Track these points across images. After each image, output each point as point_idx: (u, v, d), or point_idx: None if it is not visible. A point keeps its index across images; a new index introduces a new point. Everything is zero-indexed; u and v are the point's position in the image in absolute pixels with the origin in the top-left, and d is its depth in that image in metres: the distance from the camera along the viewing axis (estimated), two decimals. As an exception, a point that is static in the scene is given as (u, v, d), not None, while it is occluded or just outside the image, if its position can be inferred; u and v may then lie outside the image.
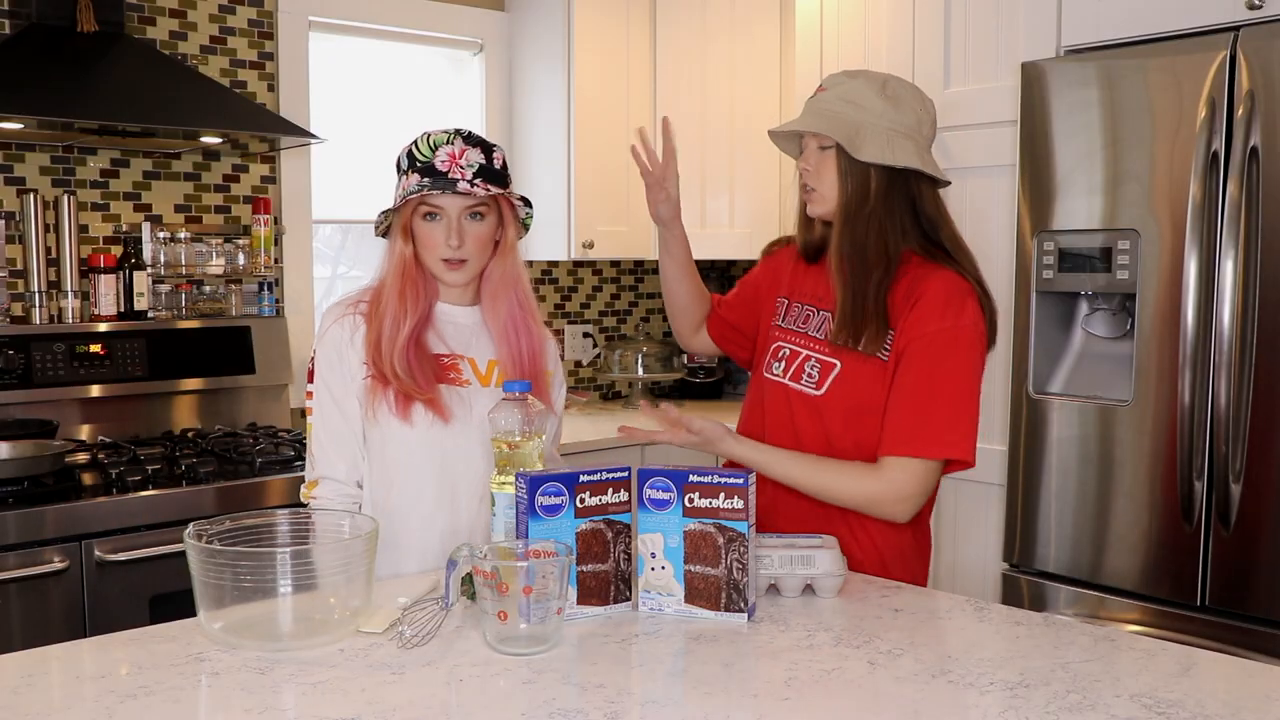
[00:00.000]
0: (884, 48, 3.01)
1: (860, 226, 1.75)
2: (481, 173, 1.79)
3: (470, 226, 1.81)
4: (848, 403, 1.78)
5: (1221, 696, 1.25)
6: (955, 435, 1.71)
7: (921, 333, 1.72)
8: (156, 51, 2.99)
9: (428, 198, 1.79)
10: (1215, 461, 2.25)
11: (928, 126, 1.80)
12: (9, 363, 2.77)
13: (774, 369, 1.90)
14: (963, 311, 1.73)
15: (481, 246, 1.83)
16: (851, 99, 1.77)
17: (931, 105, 1.83)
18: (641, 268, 4.19)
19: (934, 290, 1.73)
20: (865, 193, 1.75)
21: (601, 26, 3.60)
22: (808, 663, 1.34)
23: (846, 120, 1.76)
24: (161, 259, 3.05)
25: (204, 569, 1.38)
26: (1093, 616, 2.43)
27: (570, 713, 1.19)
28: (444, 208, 1.79)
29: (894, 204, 1.75)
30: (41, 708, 1.20)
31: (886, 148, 1.73)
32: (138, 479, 2.50)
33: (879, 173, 1.74)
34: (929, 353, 1.72)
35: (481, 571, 1.36)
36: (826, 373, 1.80)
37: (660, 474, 1.53)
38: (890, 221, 1.75)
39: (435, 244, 1.81)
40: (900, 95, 1.77)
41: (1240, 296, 2.21)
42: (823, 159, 1.79)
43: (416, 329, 1.81)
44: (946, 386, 1.71)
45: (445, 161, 1.78)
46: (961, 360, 1.72)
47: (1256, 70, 2.18)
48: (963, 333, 1.72)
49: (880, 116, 1.75)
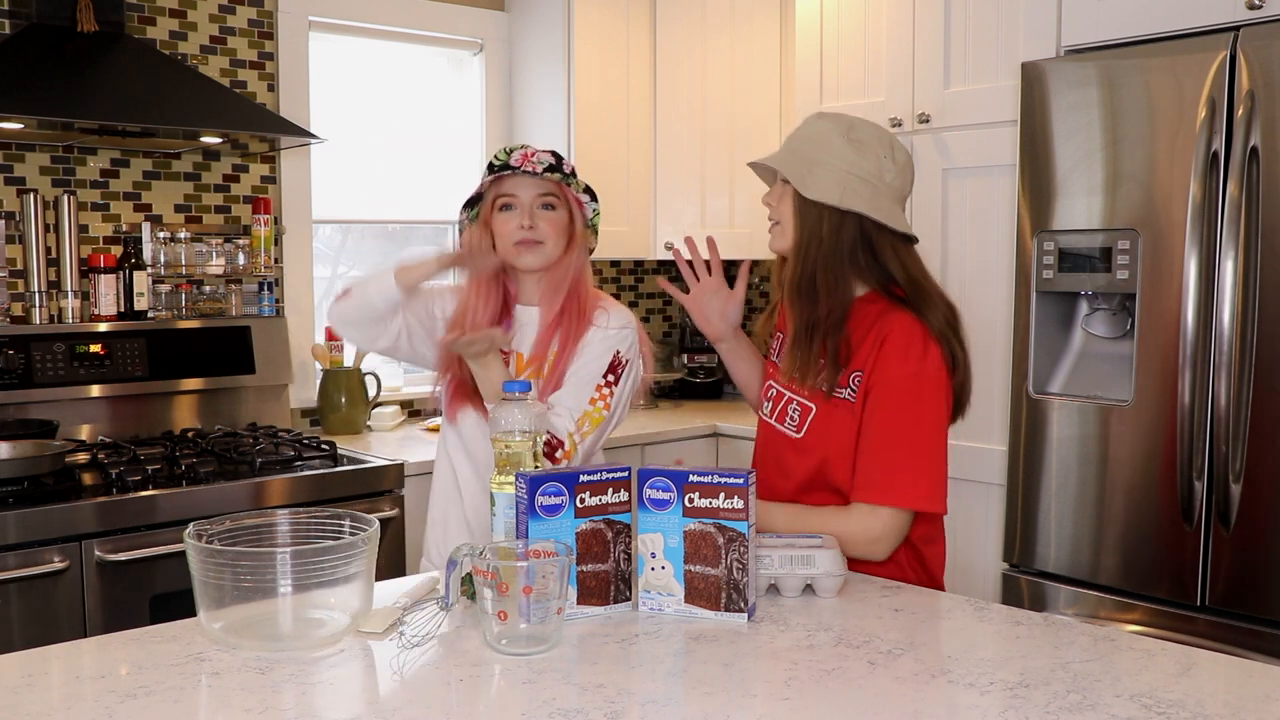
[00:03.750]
0: (884, 48, 3.01)
1: (809, 263, 1.76)
2: (551, 169, 1.98)
3: (542, 214, 1.98)
4: (825, 447, 1.79)
5: (1221, 696, 1.25)
6: (920, 486, 1.71)
7: (885, 378, 1.73)
8: (156, 51, 2.99)
9: (501, 185, 1.98)
10: (1215, 461, 2.25)
11: (892, 175, 1.77)
12: (9, 363, 2.77)
13: (764, 408, 1.93)
14: (925, 356, 1.72)
15: (555, 234, 1.99)
16: (814, 138, 1.79)
17: (904, 155, 1.80)
18: (641, 267, 4.19)
19: (897, 333, 1.73)
20: (817, 231, 1.76)
21: (601, 26, 3.60)
22: (808, 663, 1.34)
23: (803, 158, 1.78)
24: (161, 259, 3.05)
25: (204, 569, 1.38)
26: (1093, 616, 2.43)
27: (570, 713, 1.18)
28: (518, 195, 1.98)
29: (844, 245, 1.75)
30: (41, 708, 1.20)
31: (835, 189, 1.74)
32: (138, 479, 2.50)
33: (830, 213, 1.75)
34: (893, 399, 1.72)
35: (481, 571, 1.36)
36: (805, 415, 1.82)
37: (660, 474, 1.53)
38: (840, 261, 1.75)
39: (509, 230, 1.98)
40: (865, 141, 1.77)
41: (1240, 296, 2.21)
42: (784, 193, 1.81)
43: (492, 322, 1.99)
44: (913, 433, 1.71)
45: (519, 159, 1.97)
46: (925, 407, 1.72)
47: (1256, 70, 2.18)
48: (926, 379, 1.72)
49: (839, 159, 1.76)
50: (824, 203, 1.74)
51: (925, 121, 2.90)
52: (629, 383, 2.02)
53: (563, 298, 2.00)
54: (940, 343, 1.74)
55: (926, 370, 1.72)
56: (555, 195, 2.00)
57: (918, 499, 1.72)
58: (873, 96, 3.03)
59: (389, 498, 2.79)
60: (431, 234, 3.80)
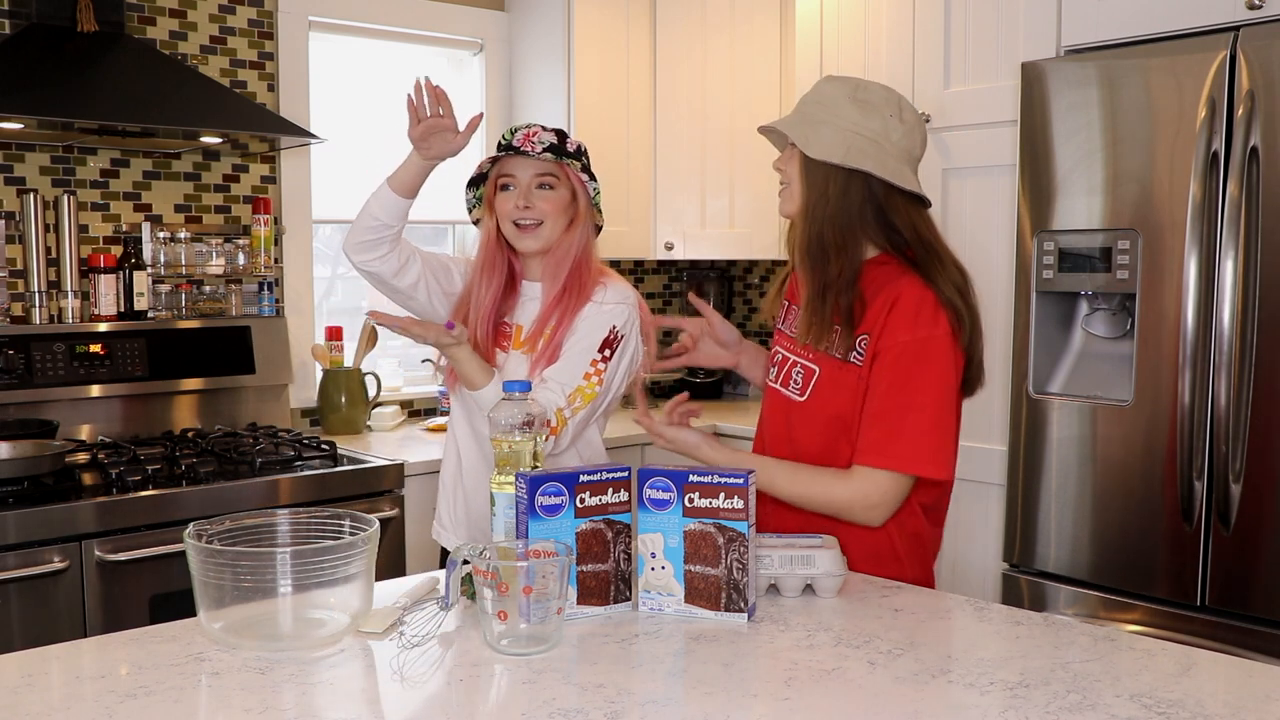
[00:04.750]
0: (884, 47, 3.01)
1: (817, 224, 1.75)
2: (551, 149, 1.99)
3: (540, 194, 2.01)
4: (828, 409, 1.78)
5: (1221, 696, 1.25)
6: (924, 450, 1.69)
7: (894, 341, 1.71)
8: (156, 51, 2.99)
9: (502, 165, 2.02)
10: (1215, 461, 2.25)
11: (899, 135, 1.76)
12: (9, 363, 2.77)
13: (770, 374, 1.92)
14: (936, 322, 1.71)
15: (554, 213, 2.01)
16: (822, 100, 1.79)
17: (913, 115, 1.80)
18: (641, 267, 4.19)
19: (906, 297, 1.72)
20: (824, 191, 1.75)
21: (601, 26, 3.60)
22: (808, 663, 1.34)
23: (809, 119, 1.77)
24: (161, 259, 3.05)
25: (204, 569, 1.38)
26: (1093, 616, 2.43)
27: (570, 713, 1.19)
28: (515, 175, 2.01)
29: (853, 205, 1.74)
30: (41, 708, 1.20)
31: (840, 148, 1.73)
32: (138, 479, 2.50)
33: (836, 173, 1.73)
34: (901, 363, 1.70)
35: (481, 571, 1.36)
36: (808, 378, 1.81)
37: (660, 474, 1.53)
38: (848, 221, 1.74)
39: (508, 210, 2.02)
40: (871, 101, 1.76)
41: (1240, 296, 2.21)
42: (792, 156, 1.81)
43: (495, 300, 2.06)
44: (917, 399, 1.70)
45: (520, 139, 2.00)
46: (933, 373, 1.70)
47: (1256, 70, 2.18)
48: (936, 343, 1.70)
49: (844, 119, 1.75)
50: (829, 161, 1.73)
51: (925, 121, 2.89)
52: (625, 359, 2.03)
53: (565, 275, 2.02)
54: (949, 309, 1.72)
55: (936, 335, 1.70)
56: (554, 175, 2.01)
57: (919, 463, 1.70)
58: (873, 96, 3.02)
59: (389, 498, 2.79)
60: (431, 234, 3.80)
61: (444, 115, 1.94)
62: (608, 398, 2.02)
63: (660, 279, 4.26)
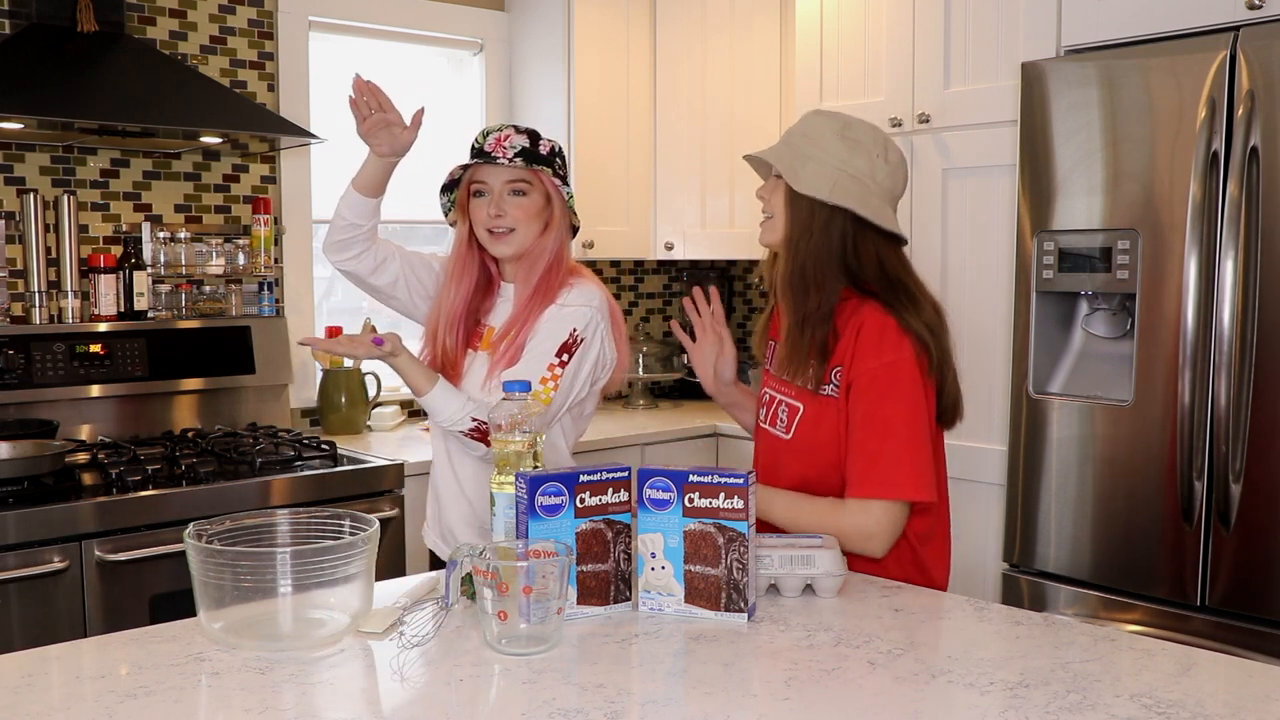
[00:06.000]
0: (884, 47, 3.01)
1: (800, 257, 1.77)
2: (523, 154, 1.98)
3: (512, 200, 1.99)
4: (812, 445, 1.79)
5: (1221, 696, 1.25)
6: (903, 476, 1.71)
7: (864, 369, 1.73)
8: (156, 51, 2.99)
9: (474, 173, 2.01)
10: (1215, 461, 2.25)
11: (883, 174, 1.78)
12: (9, 363, 2.77)
13: (761, 415, 1.94)
14: (900, 346, 1.72)
15: (526, 219, 2.00)
16: (809, 134, 1.80)
17: (897, 156, 1.81)
18: (641, 267, 4.19)
19: (869, 325, 1.74)
20: (808, 226, 1.77)
21: (601, 26, 3.60)
22: (808, 663, 1.34)
23: (796, 152, 1.79)
24: (161, 259, 3.05)
25: (204, 569, 1.38)
26: (1093, 616, 2.43)
27: (570, 713, 1.18)
28: (487, 182, 2.00)
29: (833, 241, 1.76)
30: (41, 708, 1.20)
31: (826, 184, 1.74)
32: (138, 479, 2.50)
33: (820, 208, 1.75)
34: (872, 391, 1.72)
35: (481, 571, 1.36)
36: (793, 416, 1.83)
37: (660, 474, 1.53)
38: (828, 256, 1.76)
39: (481, 217, 2.01)
40: (859, 140, 1.78)
41: (1240, 296, 2.21)
42: (776, 187, 1.82)
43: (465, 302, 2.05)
44: (889, 425, 1.71)
45: (492, 144, 1.98)
46: (901, 397, 1.72)
47: (1256, 70, 2.18)
48: (901, 366, 1.72)
49: (831, 155, 1.76)
50: (814, 197, 1.75)
51: (925, 121, 2.90)
52: (587, 364, 2.00)
53: (537, 278, 2.02)
54: (910, 334, 1.73)
55: (902, 359, 1.72)
56: (527, 180, 2.00)
57: (901, 488, 1.71)
58: (873, 96, 3.03)
59: (389, 498, 2.79)
60: (431, 234, 3.80)
61: (385, 110, 1.93)
62: (565, 404, 2.00)
63: (660, 279, 4.26)
